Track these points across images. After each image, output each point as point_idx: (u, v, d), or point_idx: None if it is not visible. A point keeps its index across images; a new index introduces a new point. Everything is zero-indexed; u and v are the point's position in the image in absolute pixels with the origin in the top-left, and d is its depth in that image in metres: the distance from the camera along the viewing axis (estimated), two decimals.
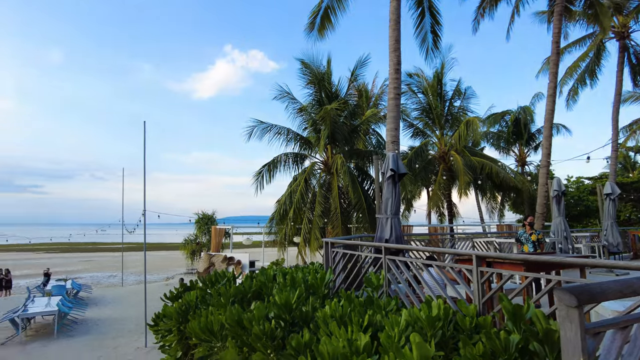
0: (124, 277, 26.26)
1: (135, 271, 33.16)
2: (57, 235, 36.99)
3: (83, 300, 16.51)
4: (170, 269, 33.77)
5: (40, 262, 42.54)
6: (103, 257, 49.32)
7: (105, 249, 61.19)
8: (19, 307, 12.05)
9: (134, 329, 11.86)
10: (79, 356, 9.43)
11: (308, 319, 3.62)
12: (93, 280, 25.77)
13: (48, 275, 22.98)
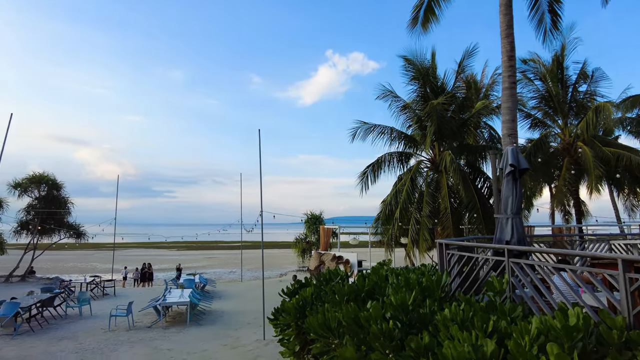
0: (242, 273, 28.47)
1: (252, 267, 35.68)
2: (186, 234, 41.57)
3: (209, 293, 18.24)
4: (283, 266, 35.65)
5: (172, 258, 48.25)
6: (224, 255, 54.06)
7: (225, 247, 67.03)
8: (159, 297, 13.82)
9: (253, 322, 12.74)
10: (208, 343, 10.43)
11: (426, 321, 3.52)
12: (216, 276, 28.34)
13: (180, 270, 25.91)
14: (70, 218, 27.37)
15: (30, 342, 10.71)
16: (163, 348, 9.97)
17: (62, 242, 28.09)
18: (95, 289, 18.65)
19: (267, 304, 11.40)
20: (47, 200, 26.46)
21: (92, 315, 14.03)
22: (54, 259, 41.55)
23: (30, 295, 14.03)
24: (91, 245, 43.38)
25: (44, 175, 26.80)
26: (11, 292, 17.36)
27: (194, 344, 10.29)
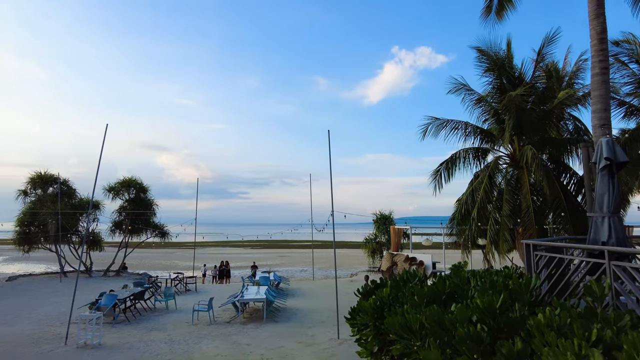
0: (314, 272, 28.92)
1: (323, 267, 36.09)
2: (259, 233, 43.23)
3: (283, 291, 18.76)
4: (353, 266, 35.66)
5: (247, 256, 50.32)
6: (295, 253, 55.30)
7: (296, 245, 68.56)
8: (237, 294, 14.47)
9: (326, 321, 12.87)
10: (284, 339, 10.71)
11: (516, 326, 3.30)
12: (288, 274, 29.05)
13: (255, 267, 26.89)
14: (155, 219, 29.69)
15: (127, 330, 11.76)
16: (242, 343, 10.41)
17: (149, 240, 30.52)
18: (178, 284, 20.00)
19: (339, 303, 11.47)
20: (135, 202, 28.89)
21: (177, 309, 15.05)
22: (142, 256, 45.25)
23: (125, 288, 15.38)
24: (173, 244, 46.56)
25: (133, 180, 29.31)
26: (109, 285, 19.20)
27: (270, 340, 10.63)
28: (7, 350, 9.81)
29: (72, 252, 27.84)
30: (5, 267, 37.71)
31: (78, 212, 27.22)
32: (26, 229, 26.84)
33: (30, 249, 27.39)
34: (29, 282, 24.84)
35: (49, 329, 11.85)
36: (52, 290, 20.69)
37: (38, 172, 28.34)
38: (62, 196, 26.58)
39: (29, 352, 9.65)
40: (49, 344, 10.31)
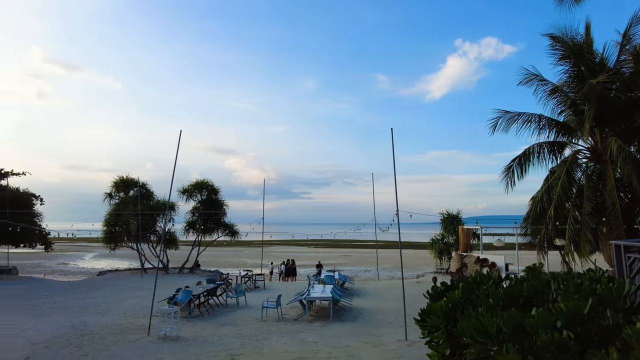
0: (378, 272, 28.69)
1: (387, 267, 35.68)
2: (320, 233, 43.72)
3: (348, 290, 18.81)
4: (419, 267, 34.86)
5: (311, 255, 51.06)
6: (358, 253, 55.18)
7: (359, 245, 68.42)
8: (304, 292, 14.75)
9: (393, 322, 12.69)
10: (350, 339, 10.73)
11: (609, 335, 3.02)
12: (352, 273, 29.04)
13: (320, 266, 27.20)
14: (225, 218, 31.16)
15: (201, 325, 12.44)
16: (309, 341, 10.58)
17: (220, 239, 32.08)
18: (248, 282, 20.79)
19: (406, 304, 11.26)
20: (207, 203, 30.52)
21: (247, 306, 15.65)
22: (213, 254, 47.58)
23: (199, 285, 16.28)
24: (242, 243, 48.44)
25: (204, 182, 31.01)
26: (184, 282, 20.42)
27: (337, 339, 10.69)
28: (101, 337, 10.79)
29: (151, 250, 30.03)
30: (96, 263, 41.58)
31: (155, 213, 29.26)
32: (112, 228, 29.36)
33: (116, 247, 29.95)
34: (115, 277, 27.17)
35: (134, 320, 12.87)
36: (135, 285, 22.44)
37: (120, 176, 30.93)
38: (141, 198, 28.76)
39: (118, 340, 10.55)
40: (134, 334, 11.19)
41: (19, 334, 11.37)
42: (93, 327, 11.87)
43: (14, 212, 24.35)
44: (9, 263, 29.15)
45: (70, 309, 15.02)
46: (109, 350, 9.61)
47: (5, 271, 27.84)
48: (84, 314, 14.06)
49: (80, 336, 10.90)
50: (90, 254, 52.57)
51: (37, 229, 28.28)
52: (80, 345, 10.04)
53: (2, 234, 25.22)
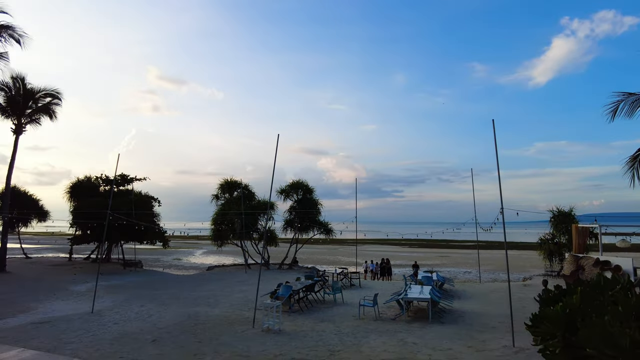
0: (480, 274, 27.11)
1: (489, 269, 33.54)
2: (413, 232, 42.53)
3: (447, 292, 18.06)
4: (526, 269, 32.19)
5: (406, 255, 50.03)
6: (456, 254, 52.72)
7: (457, 245, 65.32)
8: (401, 292, 14.51)
9: (498, 326, 11.90)
10: (451, 342, 10.28)
11: None
12: (450, 275, 27.83)
13: (416, 266, 26.54)
14: (320, 217, 31.97)
15: (301, 320, 12.91)
16: (408, 341, 10.37)
17: (316, 237, 33.01)
18: (344, 279, 21.06)
19: (513, 309, 10.47)
20: (303, 202, 31.62)
21: (344, 303, 15.86)
22: (309, 252, 49.05)
23: (298, 281, 16.90)
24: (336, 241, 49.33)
25: (300, 182, 32.21)
26: (284, 277, 21.35)
27: (437, 341, 10.34)
28: (211, 327, 11.78)
29: (253, 247, 31.99)
30: (205, 259, 45.43)
31: (257, 212, 31.09)
32: (219, 227, 31.88)
33: (222, 244, 32.46)
34: (222, 272, 29.44)
35: (240, 313, 13.81)
36: (240, 279, 24.07)
37: (225, 179, 33.47)
38: (244, 199, 30.79)
39: (226, 330, 11.41)
40: (240, 325, 12.01)
41: (148, 318, 12.91)
42: (205, 318, 13.00)
43: (139, 212, 27.67)
44: (136, 257, 33.28)
45: (184, 300, 16.62)
46: (219, 339, 10.44)
47: (133, 264, 31.87)
48: (196, 305, 15.46)
49: (195, 325, 12.01)
50: (200, 251, 57.61)
51: (156, 227, 31.79)
52: (195, 333, 11.07)
53: (130, 233, 28.83)
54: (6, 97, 28.41)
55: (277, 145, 13.31)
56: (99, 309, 14.38)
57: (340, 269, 23.42)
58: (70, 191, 35.16)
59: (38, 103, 29.48)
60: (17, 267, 28.62)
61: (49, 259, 38.62)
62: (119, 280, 23.78)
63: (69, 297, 17.73)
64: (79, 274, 25.85)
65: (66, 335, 10.77)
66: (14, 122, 28.47)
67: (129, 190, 33.94)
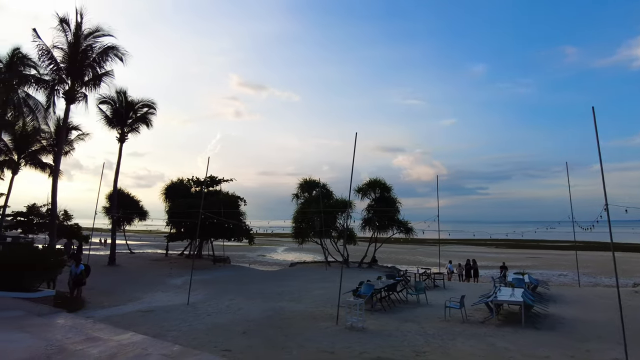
0: (579, 277, 24.79)
1: (588, 272, 30.61)
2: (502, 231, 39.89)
3: (541, 295, 16.76)
4: (635, 274, 28.80)
5: (492, 256, 47.33)
6: (549, 255, 48.77)
7: (549, 246, 60.40)
8: (489, 294, 13.75)
9: (604, 336, 10.78)
10: (549, 349, 9.51)
11: None
12: (543, 277, 25.82)
13: (505, 268, 25.02)
14: (399, 216, 31.44)
15: (383, 319, 12.80)
16: (499, 346, 9.80)
17: (396, 236, 32.53)
18: (427, 279, 20.49)
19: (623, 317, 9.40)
20: (380, 201, 31.34)
21: (428, 304, 15.42)
22: (388, 251, 48.49)
23: (379, 280, 16.79)
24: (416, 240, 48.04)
25: (378, 181, 31.97)
26: (364, 276, 21.34)
27: (532, 348, 9.64)
28: (296, 321, 12.15)
29: (333, 245, 32.40)
30: (286, 255, 47.06)
31: (335, 211, 31.44)
32: (299, 225, 32.78)
33: (303, 241, 33.33)
34: (303, 269, 30.24)
35: (323, 309, 14.05)
36: (320, 276, 24.52)
37: (304, 179, 34.34)
38: (322, 198, 31.32)
39: (310, 325, 11.69)
40: (324, 321, 12.22)
41: (238, 311, 13.69)
42: (289, 313, 13.44)
43: (227, 211, 29.41)
44: (224, 254, 35.44)
45: (269, 295, 17.32)
46: (304, 335, 10.71)
47: (221, 260, 33.99)
48: (280, 300, 16.03)
49: (281, 319, 12.47)
50: (282, 247, 59.76)
51: (243, 225, 33.55)
52: (281, 327, 11.48)
53: (219, 230, 30.81)
54: (112, 109, 31.93)
55: (355, 144, 13.32)
56: (194, 301, 15.52)
57: (422, 269, 22.82)
58: (165, 193, 38.50)
59: (137, 113, 32.70)
60: (123, 261, 31.99)
61: (149, 255, 42.66)
62: (210, 275, 25.49)
63: (167, 290, 19.41)
64: (174, 269, 28.18)
65: (167, 324, 11.79)
66: (119, 132, 31.89)
67: (217, 191, 36.25)
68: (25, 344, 6.88)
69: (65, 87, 24.76)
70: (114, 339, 8.10)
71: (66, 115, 25.07)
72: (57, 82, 24.75)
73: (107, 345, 7.33)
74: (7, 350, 6.26)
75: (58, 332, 8.55)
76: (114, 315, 13.08)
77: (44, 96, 25.78)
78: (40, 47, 23.79)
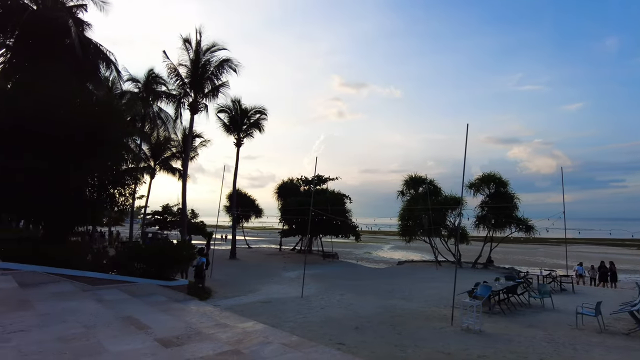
0: None
1: None
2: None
3: None
4: None
5: (632, 258, 41.03)
6: None
7: None
8: (634, 302, 11.95)
9: None
10: None
11: None
12: None
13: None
14: (517, 213, 28.95)
15: (503, 322, 11.92)
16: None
17: (514, 235, 30.05)
18: (552, 282, 18.57)
19: None
20: (496, 197, 29.21)
21: (554, 309, 13.97)
22: (505, 251, 45.04)
23: (497, 281, 15.70)
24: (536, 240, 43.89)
25: (492, 175, 29.84)
26: (478, 277, 20.16)
27: None
28: (408, 320, 11.94)
29: (443, 244, 31.13)
30: (393, 253, 46.50)
31: (444, 208, 30.18)
32: (406, 223, 32.18)
33: (410, 239, 32.63)
34: (411, 267, 29.63)
35: (436, 309, 13.60)
36: (431, 276, 23.77)
37: (410, 175, 33.59)
38: (430, 194, 30.29)
39: (424, 325, 11.39)
40: (438, 322, 11.81)
41: (349, 306, 13.95)
42: (401, 311, 13.26)
43: (334, 209, 30.17)
44: (332, 250, 36.38)
45: (379, 292, 17.30)
46: (417, 334, 10.48)
47: (330, 256, 34.97)
48: (390, 297, 15.91)
49: (392, 317, 12.36)
50: (387, 245, 59.22)
51: (349, 222, 34.10)
52: (394, 325, 11.38)
53: (327, 227, 31.75)
54: (229, 117, 34.94)
55: (466, 136, 12.59)
56: (307, 294, 16.20)
57: (547, 271, 20.72)
58: (277, 192, 40.88)
59: (250, 119, 35.31)
60: (243, 255, 34.76)
61: (264, 249, 45.68)
62: (320, 269, 26.39)
63: (282, 282, 20.58)
64: (287, 263, 29.76)
65: (284, 315, 12.50)
66: (235, 137, 34.78)
67: (324, 189, 37.36)
68: (170, 325, 7.88)
69: (189, 100, 27.83)
70: (239, 326, 8.84)
71: (191, 124, 28.15)
72: (182, 95, 27.94)
73: (234, 331, 8.03)
74: (157, 328, 7.24)
75: (193, 317, 9.61)
76: (236, 304, 14.28)
77: (172, 109, 29.45)
78: (168, 66, 27.11)
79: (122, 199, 15.52)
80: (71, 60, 16.52)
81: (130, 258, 13.19)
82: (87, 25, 19.56)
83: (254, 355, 5.95)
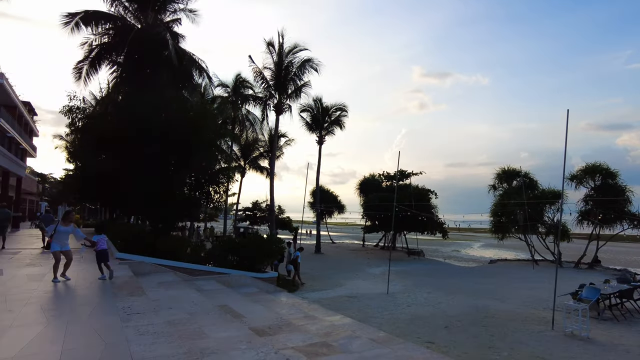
0: None
1: None
2: None
3: None
4: None
5: None
6: None
7: None
8: None
9: None
10: None
11: None
12: None
13: None
14: (631, 207, 25.64)
15: (617, 330, 10.68)
16: None
17: (626, 233, 26.72)
18: None
19: None
20: (602, 190, 26.19)
21: None
22: (615, 250, 40.38)
23: (607, 284, 14.11)
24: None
25: (597, 165, 26.76)
26: (582, 278, 18.31)
27: None
28: (502, 322, 11.23)
29: (540, 241, 28.72)
30: (483, 252, 44.00)
31: (542, 202, 27.79)
32: (498, 219, 30.24)
33: (503, 237, 30.60)
34: (504, 266, 27.78)
35: (534, 311, 12.62)
36: (526, 276, 22.11)
37: (502, 168, 31.49)
38: (525, 188, 28.10)
39: (519, 328, 10.63)
40: (536, 325, 10.95)
41: (437, 305, 13.53)
42: (494, 312, 12.52)
43: (419, 204, 29.39)
44: (418, 247, 35.48)
45: (468, 291, 16.50)
46: (513, 336, 9.82)
47: (415, 253, 34.13)
48: (481, 297, 15.09)
49: (484, 318, 11.72)
50: (477, 243, 56.22)
51: (436, 218, 32.97)
52: (486, 326, 10.78)
53: (412, 223, 31.04)
54: (311, 116, 35.73)
55: (567, 123, 11.42)
56: (392, 291, 16.01)
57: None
58: (359, 188, 40.91)
59: (331, 117, 35.77)
60: (327, 249, 35.40)
61: (347, 245, 46.05)
62: (405, 266, 25.90)
63: (366, 278, 20.57)
64: (371, 259, 29.67)
65: (370, 310, 12.48)
66: (317, 135, 35.49)
67: (407, 185, 36.56)
68: (262, 315, 8.30)
69: (274, 101, 29.00)
70: (326, 319, 9.00)
71: (276, 125, 29.33)
72: (268, 97, 29.20)
73: (322, 324, 8.19)
74: (250, 318, 7.67)
75: (283, 308, 10.01)
76: (323, 298, 14.58)
77: (259, 111, 30.98)
78: (254, 70, 28.48)
79: (216, 196, 16.67)
80: (169, 70, 18.11)
81: (224, 251, 14.13)
82: (181, 37, 21.26)
83: (342, 348, 6.03)
